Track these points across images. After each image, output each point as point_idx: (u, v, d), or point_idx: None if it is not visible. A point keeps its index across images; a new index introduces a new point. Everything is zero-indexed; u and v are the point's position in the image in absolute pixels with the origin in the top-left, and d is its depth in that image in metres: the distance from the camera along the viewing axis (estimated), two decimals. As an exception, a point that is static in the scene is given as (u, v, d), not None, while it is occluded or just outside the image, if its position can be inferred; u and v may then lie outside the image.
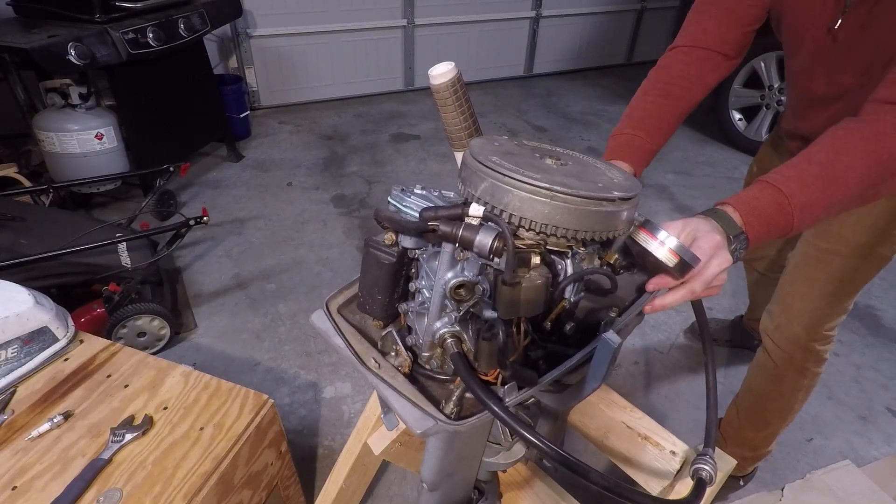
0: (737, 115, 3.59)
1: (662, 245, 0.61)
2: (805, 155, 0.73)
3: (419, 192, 0.69)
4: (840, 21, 0.90)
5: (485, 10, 4.41)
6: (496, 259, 0.54)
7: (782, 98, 3.29)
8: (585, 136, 3.85)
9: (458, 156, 0.81)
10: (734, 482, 1.54)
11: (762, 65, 3.31)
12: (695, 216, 0.70)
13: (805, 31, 0.98)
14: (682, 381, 1.91)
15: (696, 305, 0.81)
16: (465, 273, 0.58)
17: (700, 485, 0.62)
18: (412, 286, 0.68)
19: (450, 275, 0.58)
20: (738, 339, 2.00)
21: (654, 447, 0.87)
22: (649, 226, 0.62)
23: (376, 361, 0.66)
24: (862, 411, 1.81)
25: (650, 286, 0.68)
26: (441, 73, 0.76)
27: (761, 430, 1.41)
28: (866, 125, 0.72)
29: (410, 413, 0.60)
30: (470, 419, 0.59)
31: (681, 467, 0.83)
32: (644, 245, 0.62)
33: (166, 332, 1.92)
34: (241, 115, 3.42)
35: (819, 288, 1.15)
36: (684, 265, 0.62)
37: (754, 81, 3.42)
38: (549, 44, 4.87)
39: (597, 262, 0.67)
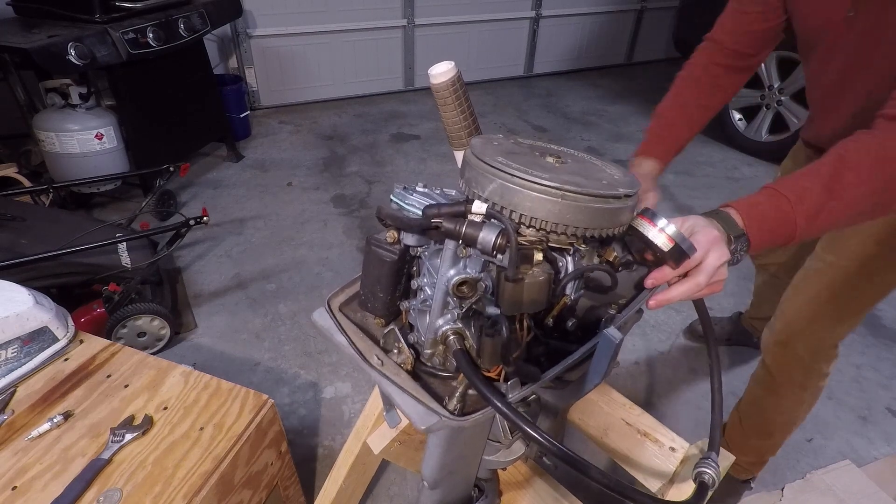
0: (737, 115, 3.60)
1: (661, 232, 0.61)
2: (815, 166, 0.72)
3: (421, 190, 0.69)
4: (852, 8, 0.89)
5: (485, 10, 4.42)
6: (499, 256, 0.54)
7: (782, 98, 3.29)
8: (585, 136, 3.85)
9: (458, 155, 0.81)
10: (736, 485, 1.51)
11: (762, 65, 3.31)
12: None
13: (820, 22, 0.96)
14: (682, 382, 1.91)
15: (700, 308, 0.80)
16: (468, 270, 0.58)
17: (702, 488, 0.61)
18: (414, 284, 0.68)
19: (452, 272, 0.58)
20: (737, 337, 2.00)
21: (654, 444, 0.87)
22: (648, 213, 0.62)
23: (379, 359, 0.66)
24: (862, 411, 1.81)
25: (649, 282, 0.68)
26: (441, 72, 0.76)
27: (767, 439, 1.40)
28: (875, 142, 0.72)
29: (414, 409, 0.60)
30: (473, 415, 0.59)
31: (680, 464, 0.83)
32: (642, 231, 0.62)
33: (166, 332, 1.92)
34: (241, 115, 3.42)
35: (822, 303, 1.12)
36: (680, 252, 0.62)
37: (754, 81, 3.42)
38: (549, 44, 4.87)
39: (596, 259, 0.67)
